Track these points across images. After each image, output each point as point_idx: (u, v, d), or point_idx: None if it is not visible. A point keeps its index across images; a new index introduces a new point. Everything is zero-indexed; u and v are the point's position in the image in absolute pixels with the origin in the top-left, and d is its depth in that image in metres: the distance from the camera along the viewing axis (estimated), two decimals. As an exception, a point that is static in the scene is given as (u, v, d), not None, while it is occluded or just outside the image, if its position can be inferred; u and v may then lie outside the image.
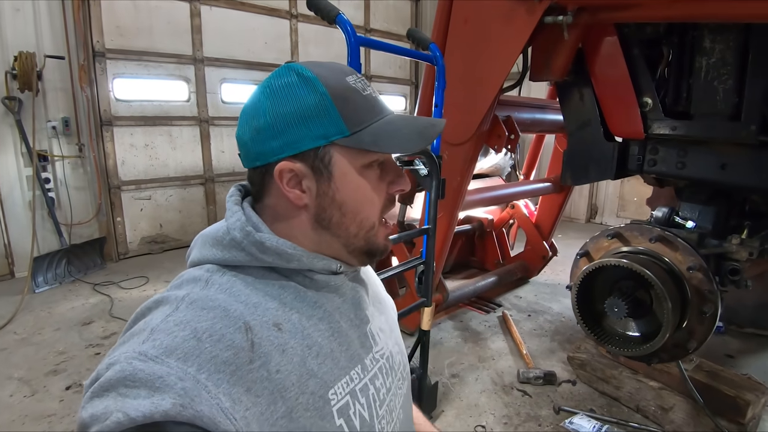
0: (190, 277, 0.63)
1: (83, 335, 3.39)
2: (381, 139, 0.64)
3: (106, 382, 0.48)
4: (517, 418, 2.51)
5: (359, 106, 0.65)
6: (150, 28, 5.14)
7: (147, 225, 5.46)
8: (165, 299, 0.59)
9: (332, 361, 0.64)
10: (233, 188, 0.74)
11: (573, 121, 2.51)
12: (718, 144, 2.05)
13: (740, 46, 1.90)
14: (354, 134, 0.64)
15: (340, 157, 0.65)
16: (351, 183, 0.66)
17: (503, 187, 3.66)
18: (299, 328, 0.63)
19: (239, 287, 0.62)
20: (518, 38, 2.31)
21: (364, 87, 0.67)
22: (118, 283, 4.46)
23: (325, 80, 0.64)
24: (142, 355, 0.49)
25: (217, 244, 0.66)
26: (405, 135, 0.65)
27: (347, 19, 1.70)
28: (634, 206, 6.80)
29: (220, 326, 0.55)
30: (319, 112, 0.63)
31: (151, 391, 0.46)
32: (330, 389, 0.62)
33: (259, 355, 0.56)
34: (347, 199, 0.66)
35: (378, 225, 0.70)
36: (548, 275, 4.66)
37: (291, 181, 0.65)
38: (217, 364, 0.52)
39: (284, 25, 6.36)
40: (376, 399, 0.69)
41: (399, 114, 0.70)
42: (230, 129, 6.02)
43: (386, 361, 0.75)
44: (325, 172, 0.65)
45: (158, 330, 0.53)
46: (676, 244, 1.87)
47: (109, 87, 4.95)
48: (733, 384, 2.29)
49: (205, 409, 0.47)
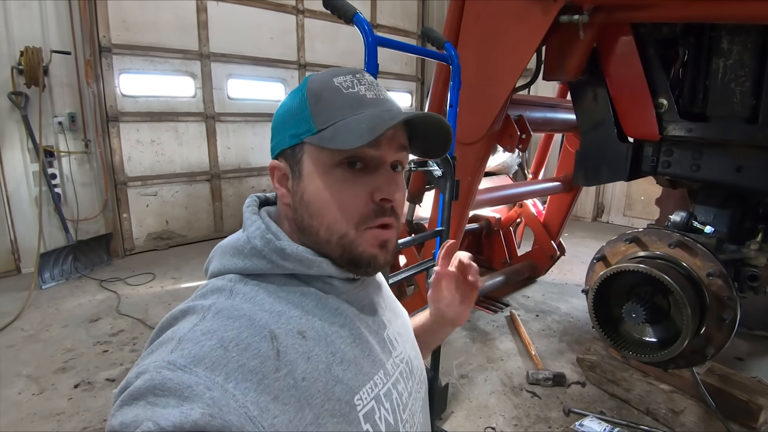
0: (214, 287, 0.64)
1: (91, 332, 3.39)
2: (339, 134, 0.62)
3: (135, 391, 0.48)
4: (527, 420, 2.50)
5: (333, 103, 0.64)
6: (156, 23, 5.12)
7: (153, 221, 5.47)
8: (191, 309, 0.60)
9: (356, 367, 0.64)
10: (249, 198, 0.74)
11: (586, 121, 2.49)
12: (734, 146, 2.03)
13: (759, 48, 1.87)
14: (319, 132, 0.63)
15: (308, 155, 0.65)
16: (315, 182, 0.65)
17: (513, 186, 3.63)
18: (322, 335, 0.63)
19: (262, 296, 0.63)
20: (532, 37, 2.28)
21: (351, 85, 0.66)
22: (124, 279, 4.46)
23: (311, 82, 0.67)
24: (170, 365, 0.50)
25: (237, 254, 0.66)
26: (358, 130, 0.61)
27: (365, 18, 1.68)
28: (641, 205, 6.76)
29: (246, 335, 0.56)
30: (296, 112, 0.66)
31: (180, 401, 0.47)
32: (355, 395, 0.62)
33: (285, 364, 0.57)
34: (313, 199, 0.65)
35: (355, 233, 0.65)
36: (555, 275, 4.64)
37: (281, 179, 0.69)
38: (244, 373, 0.52)
39: (290, 20, 6.33)
40: (399, 403, 0.69)
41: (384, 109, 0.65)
42: (236, 125, 6.01)
43: (405, 366, 0.75)
44: (296, 170, 0.67)
45: (186, 339, 0.53)
46: (696, 250, 1.85)
47: (115, 82, 4.94)
48: (745, 388, 2.28)
49: (233, 418, 0.47)
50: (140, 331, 3.41)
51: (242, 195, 6.21)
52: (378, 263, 0.67)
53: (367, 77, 0.69)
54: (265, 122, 6.30)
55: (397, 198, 0.66)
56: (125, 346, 3.19)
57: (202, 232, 5.89)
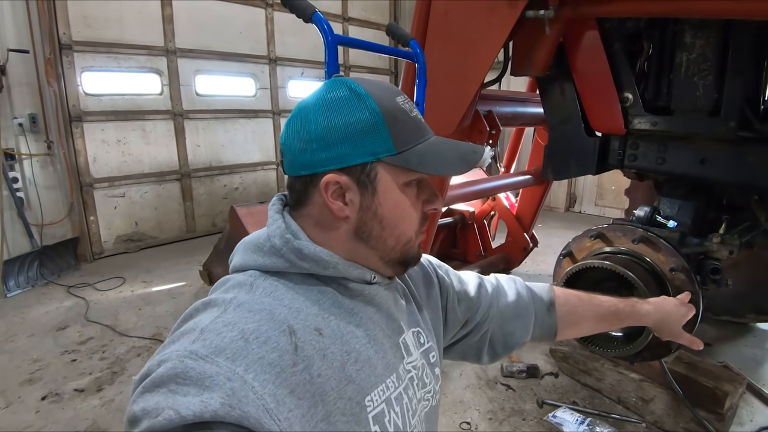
0: (236, 282, 0.66)
1: (59, 341, 3.29)
2: (426, 160, 0.67)
3: (158, 378, 0.49)
4: (502, 413, 2.53)
5: (406, 126, 0.68)
6: (119, 19, 4.95)
7: (122, 223, 5.33)
8: (213, 302, 0.62)
9: (369, 368, 0.66)
10: (275, 197, 0.76)
11: (554, 116, 2.50)
12: (698, 139, 2.06)
13: (720, 42, 1.90)
14: (400, 153, 0.67)
15: (384, 174, 0.67)
16: (392, 199, 0.69)
17: (485, 180, 3.64)
18: (338, 333, 0.65)
19: (282, 291, 0.65)
20: (500, 33, 2.27)
21: (411, 108, 0.71)
22: (93, 284, 4.34)
23: (377, 98, 0.67)
24: (192, 354, 0.51)
25: (257, 251, 0.69)
26: (449, 159, 0.69)
27: (324, 17, 1.64)
28: (612, 195, 6.89)
29: (266, 328, 0.57)
30: (370, 129, 0.66)
31: (201, 390, 0.48)
32: (366, 396, 0.64)
33: (302, 359, 0.58)
34: (388, 214, 0.69)
35: (414, 239, 0.73)
36: (529, 266, 4.69)
37: (335, 193, 0.68)
38: (263, 365, 0.53)
39: (259, 14, 6.21)
40: (409, 409, 0.71)
41: (439, 137, 0.73)
42: (206, 122, 5.88)
43: (417, 372, 0.77)
44: (369, 187, 0.68)
45: (208, 330, 0.55)
46: (659, 245, 1.88)
47: (77, 81, 4.77)
48: (711, 375, 2.34)
49: (251, 410, 0.48)
50: (110, 338, 3.32)
51: (214, 194, 6.10)
52: (418, 259, 0.77)
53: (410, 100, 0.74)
54: (236, 118, 6.18)
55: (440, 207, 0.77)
56: (94, 354, 3.10)
57: (173, 233, 5.77)
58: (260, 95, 6.43)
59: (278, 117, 6.63)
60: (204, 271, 3.86)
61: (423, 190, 0.73)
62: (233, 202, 4.46)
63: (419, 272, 0.92)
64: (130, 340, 3.30)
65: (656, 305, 1.13)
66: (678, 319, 1.14)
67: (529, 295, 1.03)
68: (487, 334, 0.99)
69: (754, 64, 1.98)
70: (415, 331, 0.82)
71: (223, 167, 6.16)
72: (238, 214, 3.12)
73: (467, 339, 0.98)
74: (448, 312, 0.93)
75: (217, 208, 6.14)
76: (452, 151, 0.71)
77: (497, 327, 0.99)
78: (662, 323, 1.13)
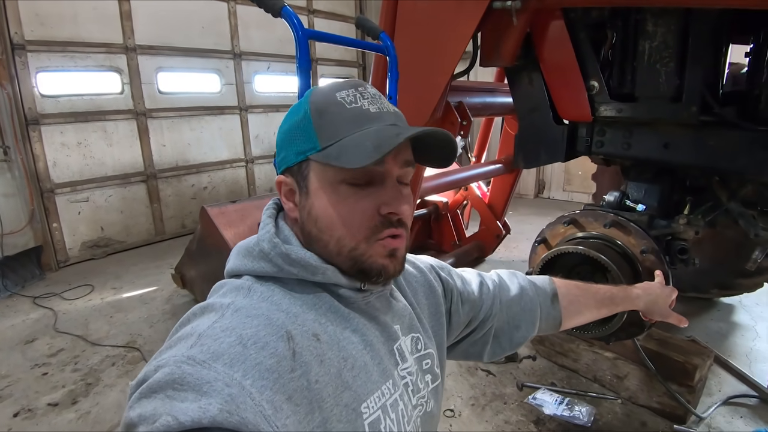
0: (232, 287, 0.65)
1: (27, 355, 3.17)
2: (345, 152, 0.62)
3: (155, 384, 0.49)
4: (484, 399, 2.58)
5: (338, 119, 0.65)
6: (74, 16, 4.75)
7: (87, 229, 5.15)
8: (210, 306, 0.61)
9: (366, 375, 0.66)
10: (270, 202, 0.76)
11: (523, 106, 2.54)
12: (661, 125, 2.13)
13: (681, 30, 1.96)
14: (324, 149, 0.64)
15: (315, 172, 0.66)
16: (323, 198, 0.66)
17: (457, 171, 3.68)
18: (335, 339, 0.65)
19: (279, 296, 0.64)
20: (468, 24, 2.28)
21: (354, 100, 0.66)
22: (60, 294, 4.18)
23: (315, 96, 0.67)
24: (190, 359, 0.51)
25: (248, 255, 0.68)
26: (365, 148, 0.61)
27: (293, 11, 1.62)
28: (580, 180, 7.07)
29: (264, 334, 0.57)
30: (301, 128, 0.66)
31: (199, 395, 0.47)
32: (362, 403, 0.64)
33: (300, 365, 0.57)
34: (321, 215, 0.66)
35: (365, 245, 0.66)
36: (503, 253, 4.78)
37: (288, 194, 0.70)
38: (261, 371, 0.53)
39: (222, 8, 6.07)
40: (404, 415, 0.70)
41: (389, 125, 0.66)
42: (170, 121, 5.73)
43: (411, 378, 0.76)
44: (303, 187, 0.67)
45: (205, 335, 0.54)
46: (629, 228, 1.95)
47: (32, 82, 4.56)
48: (681, 350, 2.44)
49: (249, 416, 0.48)
50: (81, 349, 3.22)
51: (182, 194, 5.95)
52: (388, 273, 0.69)
53: (370, 90, 0.69)
54: (202, 116, 6.04)
55: (403, 210, 0.68)
56: (66, 366, 3.00)
57: (141, 236, 5.61)
58: (226, 91, 6.29)
59: (245, 113, 6.51)
60: (176, 274, 3.78)
61: (379, 189, 0.66)
62: (202, 202, 4.37)
63: (420, 279, 0.90)
64: (103, 350, 3.20)
65: (644, 289, 1.20)
66: (665, 299, 1.21)
67: (532, 289, 1.04)
68: (491, 331, 0.99)
69: (712, 51, 2.05)
70: (414, 336, 0.81)
71: (191, 166, 6.02)
72: (210, 215, 3.06)
73: (470, 337, 0.99)
74: (452, 315, 0.93)
75: (186, 208, 6.00)
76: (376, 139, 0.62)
77: (503, 323, 0.99)
78: (652, 305, 1.18)
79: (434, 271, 0.95)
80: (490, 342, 1.00)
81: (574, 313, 1.08)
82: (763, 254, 2.13)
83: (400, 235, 0.68)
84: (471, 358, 1.02)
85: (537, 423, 2.36)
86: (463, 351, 1.01)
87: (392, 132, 0.63)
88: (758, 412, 2.42)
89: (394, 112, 0.69)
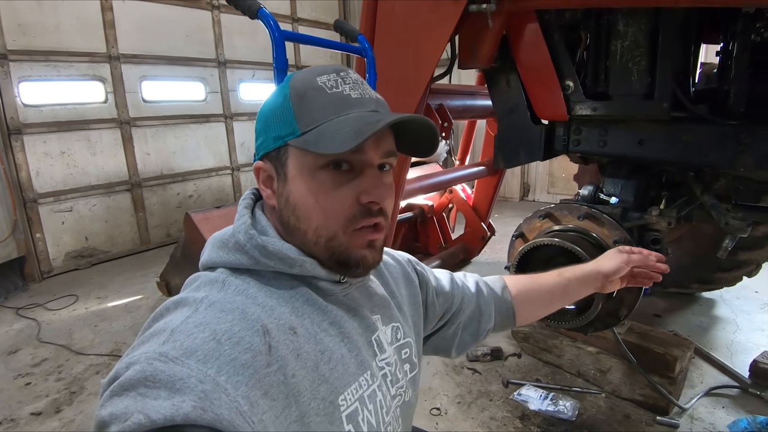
0: (206, 280, 0.64)
1: (10, 365, 3.13)
2: (323, 137, 0.61)
3: (126, 382, 0.47)
4: (470, 396, 2.59)
5: (317, 104, 0.63)
6: (57, 26, 4.74)
7: (71, 239, 5.10)
8: (184, 300, 0.60)
9: (343, 367, 0.65)
10: (247, 191, 0.74)
11: (501, 107, 2.58)
12: (635, 122, 2.18)
13: (651, 29, 2.01)
14: (303, 134, 0.63)
15: (294, 158, 0.65)
16: (300, 186, 0.65)
17: (441, 173, 3.72)
18: (312, 332, 0.64)
19: (254, 290, 0.63)
20: (445, 27, 2.32)
21: (336, 85, 0.65)
22: (44, 304, 4.13)
23: (295, 80, 0.65)
24: (162, 356, 0.49)
25: (223, 247, 0.67)
26: (345, 133, 0.60)
27: (269, 12, 1.64)
28: (563, 182, 7.16)
29: (239, 328, 0.55)
30: (279, 113, 0.65)
31: (172, 393, 0.46)
32: (340, 395, 0.63)
33: (276, 359, 0.57)
34: (299, 203, 0.65)
35: (343, 235, 0.65)
36: (488, 254, 4.82)
37: (266, 181, 0.68)
38: (236, 367, 0.52)
39: (206, 16, 6.08)
40: (383, 405, 0.70)
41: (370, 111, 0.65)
42: (155, 129, 5.71)
43: (390, 369, 0.76)
44: (281, 173, 0.66)
45: (178, 331, 0.53)
46: (602, 220, 1.99)
47: (14, 92, 4.53)
48: (661, 342, 2.48)
49: (224, 412, 0.47)
50: (65, 358, 3.18)
51: (167, 203, 5.92)
52: (367, 263, 0.68)
53: (352, 75, 0.67)
54: (187, 124, 6.02)
55: (384, 199, 0.66)
56: (50, 376, 2.97)
57: (126, 246, 5.57)
58: (211, 99, 6.29)
59: (230, 121, 6.51)
60: (161, 282, 3.75)
61: (359, 177, 0.65)
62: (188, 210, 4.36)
63: (399, 270, 0.92)
64: (87, 359, 3.17)
65: (595, 261, 1.17)
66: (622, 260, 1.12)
67: (484, 284, 1.08)
68: (460, 326, 1.02)
69: (682, 50, 2.11)
70: (395, 326, 0.81)
71: (176, 175, 5.99)
72: (194, 220, 3.06)
73: (442, 331, 1.01)
74: (428, 306, 0.95)
75: (171, 217, 5.97)
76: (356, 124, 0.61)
77: (467, 318, 1.03)
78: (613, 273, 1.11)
79: (411, 264, 0.97)
80: (458, 337, 1.02)
81: (525, 301, 1.10)
82: (733, 243, 2.18)
83: (380, 225, 0.67)
84: (440, 353, 1.04)
85: (522, 419, 2.38)
86: (434, 346, 1.02)
87: (373, 118, 0.62)
88: (739, 402, 2.46)
89: (376, 98, 0.68)
